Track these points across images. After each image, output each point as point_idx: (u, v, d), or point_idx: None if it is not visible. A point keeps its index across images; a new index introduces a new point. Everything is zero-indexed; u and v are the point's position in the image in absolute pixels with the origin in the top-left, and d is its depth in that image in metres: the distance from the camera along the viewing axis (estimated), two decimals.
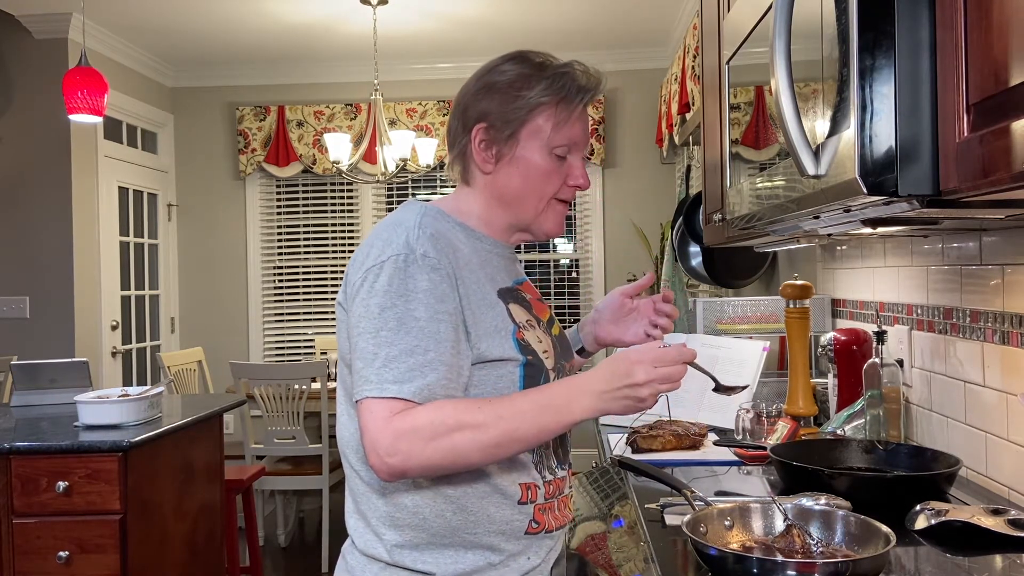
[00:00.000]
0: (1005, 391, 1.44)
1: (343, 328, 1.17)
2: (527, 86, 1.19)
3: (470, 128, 1.21)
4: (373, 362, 1.06)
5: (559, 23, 4.79)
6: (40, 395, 2.91)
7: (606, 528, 1.42)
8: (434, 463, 1.05)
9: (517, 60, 1.22)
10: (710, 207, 2.21)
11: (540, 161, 1.20)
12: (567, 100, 1.20)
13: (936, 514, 1.22)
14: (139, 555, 2.37)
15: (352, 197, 5.70)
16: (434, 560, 1.13)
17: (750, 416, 1.87)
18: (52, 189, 4.52)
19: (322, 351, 5.19)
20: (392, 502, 1.14)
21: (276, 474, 3.98)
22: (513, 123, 1.19)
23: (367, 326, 1.08)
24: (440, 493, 1.13)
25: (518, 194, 1.21)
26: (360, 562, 1.18)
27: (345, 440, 1.20)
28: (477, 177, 1.23)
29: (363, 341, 1.08)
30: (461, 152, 1.24)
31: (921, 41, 0.93)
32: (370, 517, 1.16)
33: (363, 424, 1.06)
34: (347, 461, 1.21)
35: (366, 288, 1.10)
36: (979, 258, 1.53)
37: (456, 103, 1.25)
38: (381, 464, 1.04)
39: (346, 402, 1.20)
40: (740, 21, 1.53)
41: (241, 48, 5.17)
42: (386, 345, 1.06)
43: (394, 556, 1.14)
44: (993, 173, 0.79)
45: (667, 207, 5.14)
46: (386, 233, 1.15)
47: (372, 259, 1.12)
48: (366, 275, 1.11)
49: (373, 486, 1.16)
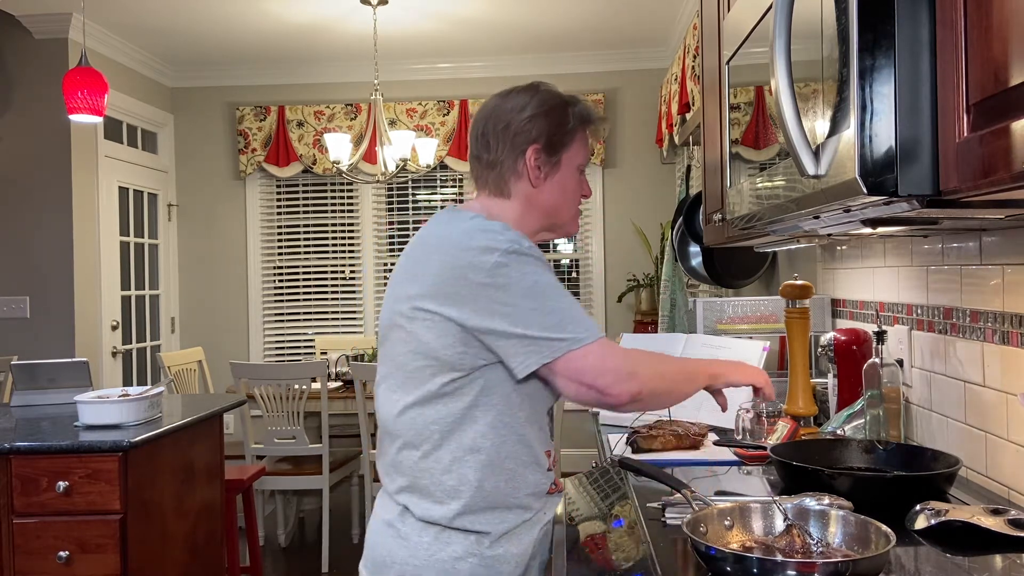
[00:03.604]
0: (1005, 391, 1.44)
1: (424, 328, 1.29)
2: (567, 114, 1.42)
3: (523, 149, 1.39)
4: (558, 323, 1.26)
5: (559, 23, 4.79)
6: (40, 395, 2.91)
7: (606, 528, 1.42)
8: (657, 387, 1.32)
9: (544, 91, 1.43)
10: (710, 207, 2.21)
11: (572, 180, 1.44)
12: (591, 126, 1.46)
13: (936, 514, 1.22)
14: (139, 555, 2.38)
15: (352, 197, 5.70)
16: (486, 520, 1.31)
17: (750, 416, 1.87)
18: (52, 189, 4.52)
19: (322, 351, 5.18)
20: (457, 475, 1.30)
21: (276, 474, 3.98)
22: (559, 146, 1.41)
23: (528, 305, 1.26)
24: (497, 464, 1.31)
25: (557, 205, 1.44)
26: (415, 528, 1.33)
27: (402, 422, 1.34)
28: (519, 190, 1.42)
29: (533, 316, 1.25)
30: (507, 168, 1.41)
31: (921, 41, 0.93)
32: (432, 489, 1.32)
33: (594, 366, 1.25)
34: (404, 442, 1.34)
35: (503, 280, 1.26)
36: (979, 258, 1.53)
37: (499, 126, 1.41)
38: (626, 388, 1.26)
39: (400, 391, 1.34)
40: (740, 21, 1.53)
41: (241, 48, 5.17)
42: (556, 309, 1.27)
43: (453, 521, 1.31)
44: (993, 173, 0.79)
45: (667, 207, 5.14)
46: (481, 237, 1.29)
47: (488, 257, 1.26)
48: (493, 272, 1.26)
49: (440, 462, 1.31)
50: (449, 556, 1.30)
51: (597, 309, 5.55)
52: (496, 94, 1.45)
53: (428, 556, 1.31)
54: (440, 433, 1.31)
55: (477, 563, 1.30)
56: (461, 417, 1.30)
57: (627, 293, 5.40)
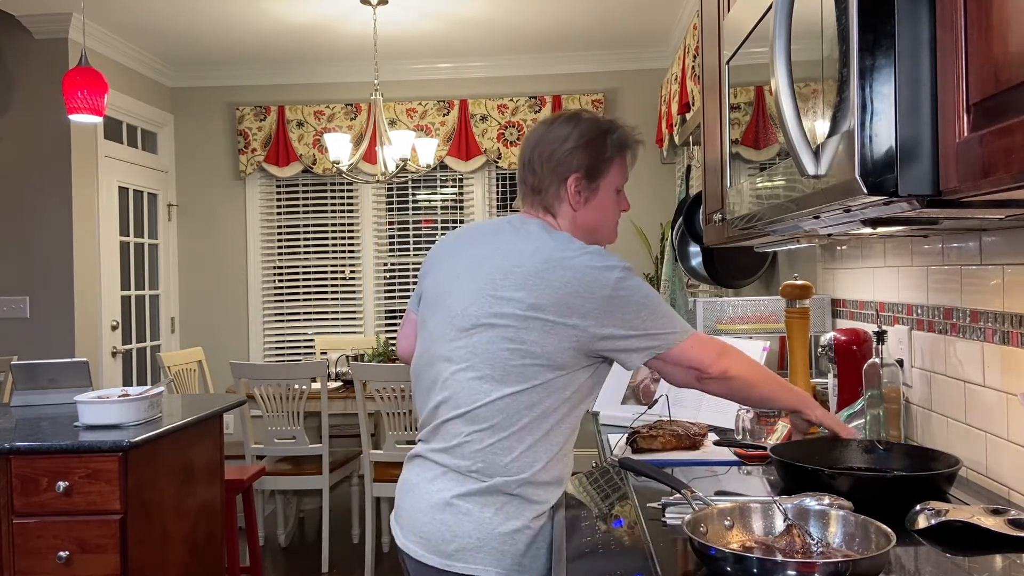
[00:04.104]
0: (1005, 391, 1.44)
1: (537, 327, 1.45)
2: (606, 144, 1.57)
3: (565, 177, 1.56)
4: (670, 323, 1.48)
5: (559, 23, 4.79)
6: (40, 395, 2.91)
7: (606, 528, 1.42)
8: (744, 372, 1.52)
9: (587, 121, 1.59)
10: (710, 207, 2.21)
11: (610, 201, 1.61)
12: (629, 151, 1.62)
13: (936, 514, 1.22)
14: (139, 555, 2.38)
15: (352, 197, 5.70)
16: (545, 492, 1.49)
17: (750, 416, 1.87)
18: (52, 189, 4.52)
19: (322, 351, 5.18)
20: (533, 454, 1.47)
21: (276, 474, 3.98)
22: (598, 174, 1.57)
23: (649, 311, 1.47)
24: (563, 448, 1.51)
25: (597, 224, 1.62)
26: (478, 503, 1.46)
27: (491, 407, 1.47)
28: (563, 211, 1.59)
29: (652, 320, 1.47)
30: (553, 195, 1.58)
31: (921, 41, 0.93)
32: (509, 465, 1.47)
33: (699, 351, 1.49)
34: (490, 425, 1.47)
35: (626, 292, 1.45)
36: (979, 258, 1.53)
37: (544, 155, 1.58)
38: (716, 365, 1.49)
39: (489, 380, 1.47)
40: (740, 21, 1.53)
41: (241, 48, 5.17)
42: (666, 312, 1.50)
43: (520, 490, 1.47)
44: (993, 173, 0.79)
45: (667, 207, 5.14)
46: (591, 253, 1.48)
47: (611, 274, 1.45)
48: (618, 285, 1.45)
49: (523, 440, 1.47)
50: (509, 529, 1.45)
51: None
52: (542, 121, 1.62)
53: (490, 529, 1.45)
54: (530, 418, 1.47)
55: (533, 534, 1.47)
56: (549, 405, 1.47)
57: None
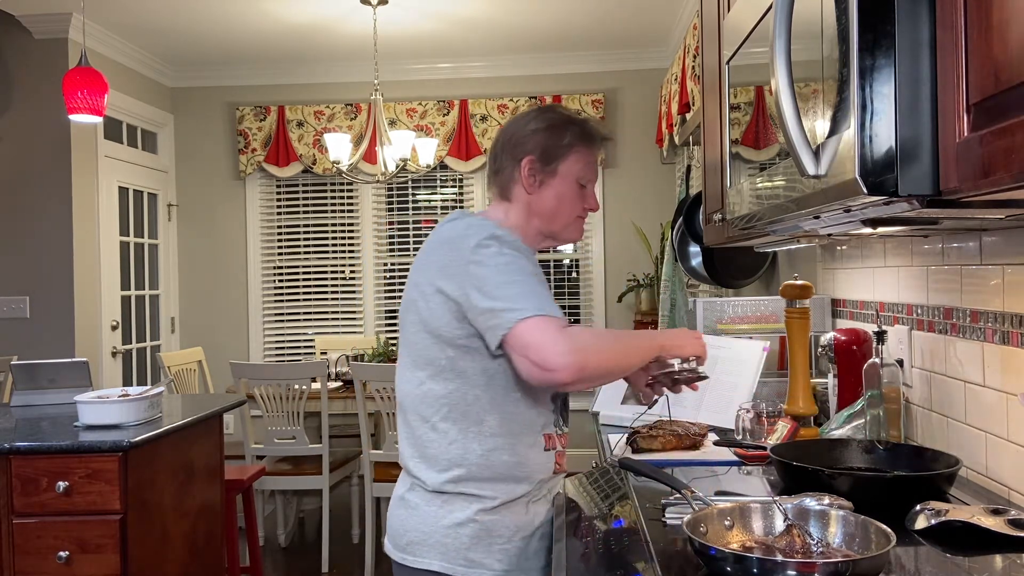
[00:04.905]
0: (1005, 391, 1.44)
1: (434, 305, 1.42)
2: (565, 131, 1.57)
3: (520, 159, 1.55)
4: (519, 297, 1.35)
5: (559, 23, 4.79)
6: (40, 395, 2.91)
7: (606, 528, 1.42)
8: (601, 362, 1.37)
9: (552, 111, 1.60)
10: (710, 207, 2.21)
11: (569, 189, 1.57)
12: (593, 145, 1.60)
13: (936, 514, 1.22)
14: (139, 555, 2.38)
15: (352, 197, 5.70)
16: (492, 488, 1.44)
17: (750, 416, 1.87)
18: (52, 189, 4.52)
19: (322, 351, 5.18)
20: (463, 447, 1.44)
21: (276, 474, 3.98)
22: (553, 158, 1.55)
23: (499, 278, 1.37)
24: (501, 439, 1.44)
25: (552, 210, 1.57)
26: (424, 498, 1.47)
27: (416, 397, 1.48)
28: (519, 195, 1.57)
29: (500, 289, 1.36)
30: (508, 176, 1.58)
31: (921, 41, 0.93)
32: (440, 458, 1.45)
33: (539, 338, 1.31)
34: (417, 415, 1.48)
35: (482, 256, 1.38)
36: (979, 258, 1.53)
37: (505, 141, 1.59)
38: (567, 362, 1.30)
39: (413, 368, 1.48)
40: (740, 21, 1.53)
41: (241, 48, 5.17)
42: (520, 285, 1.37)
43: (457, 486, 1.44)
44: (993, 173, 0.79)
45: (667, 207, 5.14)
46: (477, 227, 1.44)
47: (477, 239, 1.40)
48: (476, 249, 1.39)
49: (448, 434, 1.44)
50: (452, 521, 1.44)
51: (597, 309, 5.55)
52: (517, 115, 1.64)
53: (435, 522, 1.45)
54: (449, 407, 1.44)
55: (478, 528, 1.43)
56: (466, 393, 1.43)
57: (627, 293, 5.40)
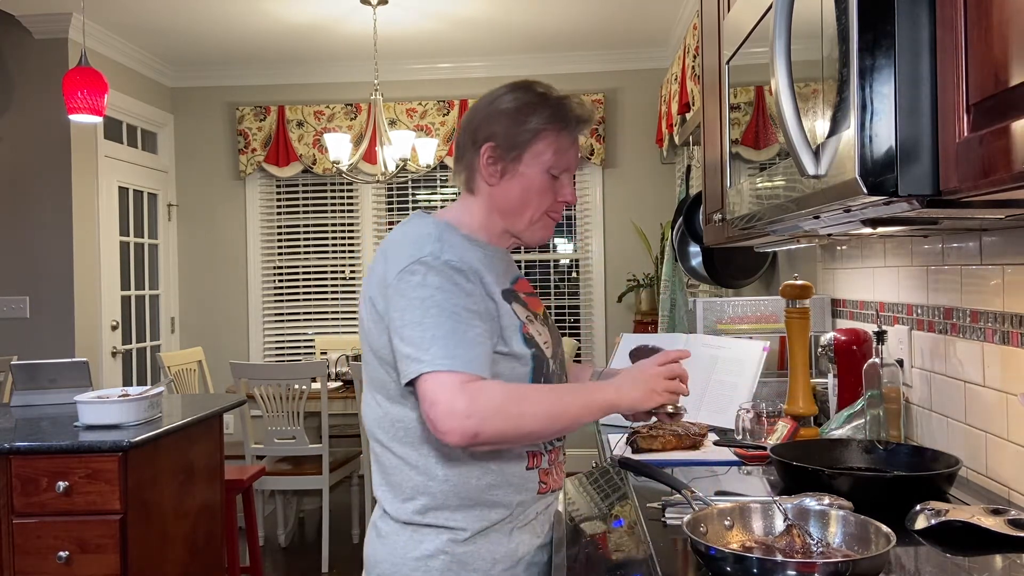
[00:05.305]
0: (1005, 391, 1.44)
1: (371, 321, 1.31)
2: (532, 113, 1.34)
3: (479, 146, 1.36)
4: (425, 343, 1.19)
5: (559, 23, 4.79)
6: (40, 395, 2.91)
7: (606, 528, 1.42)
8: (506, 429, 1.20)
9: (523, 89, 1.38)
10: (710, 207, 2.21)
11: (537, 179, 1.36)
12: (567, 128, 1.37)
13: (936, 514, 1.22)
14: (139, 555, 2.37)
15: (352, 197, 5.70)
16: (460, 517, 1.30)
17: (750, 416, 1.87)
18: (52, 189, 4.52)
19: (322, 351, 5.18)
20: (424, 472, 1.30)
21: (276, 474, 3.98)
22: (519, 146, 1.35)
23: (411, 317, 1.22)
24: (464, 461, 1.29)
25: (516, 205, 1.37)
26: (393, 528, 1.34)
27: (373, 420, 1.35)
28: (481, 187, 1.39)
29: (410, 329, 1.22)
30: (468, 165, 1.39)
31: (921, 41, 0.93)
32: (404, 486, 1.32)
33: (432, 395, 1.17)
34: (376, 440, 1.36)
35: (404, 285, 1.24)
36: (979, 258, 1.53)
37: (467, 122, 1.40)
38: (457, 426, 1.16)
39: (369, 388, 1.36)
40: (740, 21, 1.53)
41: (241, 48, 5.17)
42: (432, 328, 1.21)
43: (425, 517, 1.31)
44: (993, 173, 0.79)
45: (667, 207, 5.14)
46: (412, 242, 1.30)
47: (404, 262, 1.26)
48: (401, 275, 1.25)
49: (407, 459, 1.31)
50: (422, 553, 1.30)
51: (597, 309, 5.55)
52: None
53: (404, 554, 1.31)
54: (404, 430, 1.31)
55: (449, 560, 1.29)
56: (416, 419, 1.29)
57: (627, 293, 5.40)
